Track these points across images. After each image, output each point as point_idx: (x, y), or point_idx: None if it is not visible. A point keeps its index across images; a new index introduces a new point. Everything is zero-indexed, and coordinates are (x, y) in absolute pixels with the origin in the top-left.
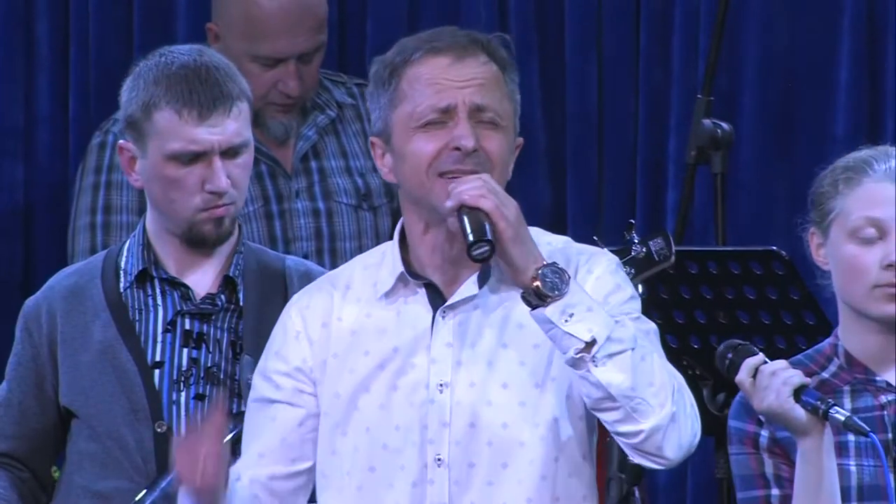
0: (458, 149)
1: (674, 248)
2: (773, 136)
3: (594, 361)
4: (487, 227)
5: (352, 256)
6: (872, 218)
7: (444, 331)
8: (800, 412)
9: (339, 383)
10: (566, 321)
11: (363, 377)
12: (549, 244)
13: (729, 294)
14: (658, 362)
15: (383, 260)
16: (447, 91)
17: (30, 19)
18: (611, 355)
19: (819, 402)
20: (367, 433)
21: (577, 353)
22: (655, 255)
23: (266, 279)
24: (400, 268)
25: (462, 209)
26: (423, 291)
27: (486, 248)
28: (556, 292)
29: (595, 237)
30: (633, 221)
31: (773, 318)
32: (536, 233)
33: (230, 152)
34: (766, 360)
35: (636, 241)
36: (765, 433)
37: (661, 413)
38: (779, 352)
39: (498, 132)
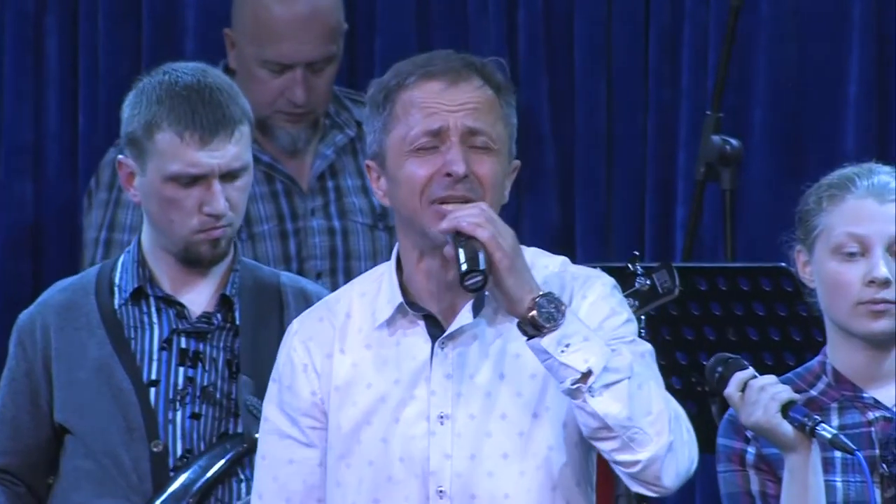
0: (449, 174)
1: (677, 282)
2: (782, 152)
3: (591, 392)
4: (482, 256)
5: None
6: (854, 234)
7: (443, 362)
8: (787, 428)
9: (341, 416)
10: (562, 352)
11: (365, 411)
12: (546, 267)
13: (738, 310)
14: (655, 390)
15: (380, 287)
16: (439, 114)
17: (39, 37)
18: (607, 385)
19: (806, 419)
20: (370, 466)
21: (573, 384)
22: (659, 288)
23: (262, 297)
24: (399, 298)
25: (458, 237)
26: (422, 323)
27: (479, 278)
28: (552, 323)
29: (636, 252)
30: (637, 253)
31: (782, 334)
32: (534, 254)
33: (229, 175)
34: (756, 374)
35: (640, 272)
36: (751, 450)
37: (658, 442)
38: (788, 368)
39: (490, 156)
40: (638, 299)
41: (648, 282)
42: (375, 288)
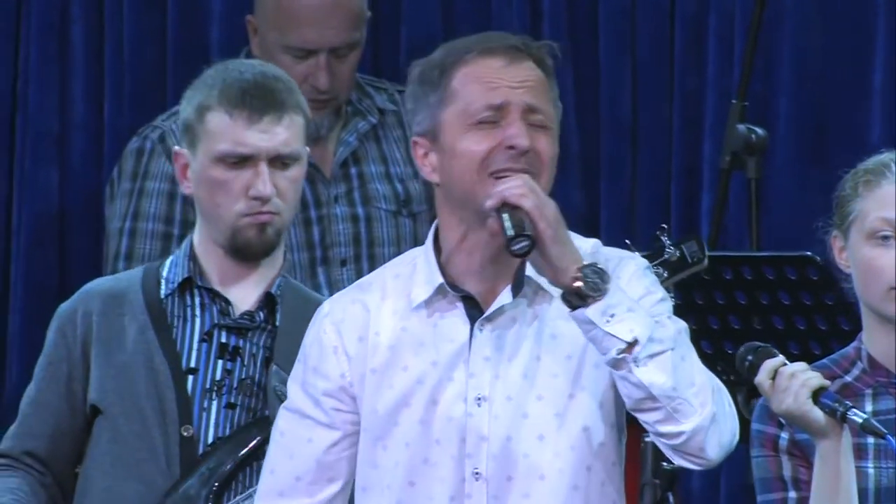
0: (511, 147)
1: (707, 251)
2: (807, 140)
3: (636, 362)
4: (527, 224)
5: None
6: (888, 219)
7: (482, 344)
8: (818, 414)
9: (378, 399)
10: (607, 322)
11: (403, 393)
12: (580, 248)
13: (763, 299)
14: (697, 362)
15: (415, 269)
16: (500, 90)
17: (64, 24)
18: (652, 356)
19: (837, 405)
20: (406, 448)
21: (618, 354)
22: (689, 258)
23: (305, 306)
24: (439, 279)
25: (502, 208)
26: (461, 304)
27: (526, 242)
28: (598, 292)
29: (627, 241)
30: (664, 226)
31: (807, 323)
32: None
33: (279, 161)
34: (786, 361)
35: (669, 243)
36: (784, 435)
37: (702, 413)
38: (814, 357)
39: (547, 134)
40: (667, 269)
41: (678, 252)
42: (410, 270)
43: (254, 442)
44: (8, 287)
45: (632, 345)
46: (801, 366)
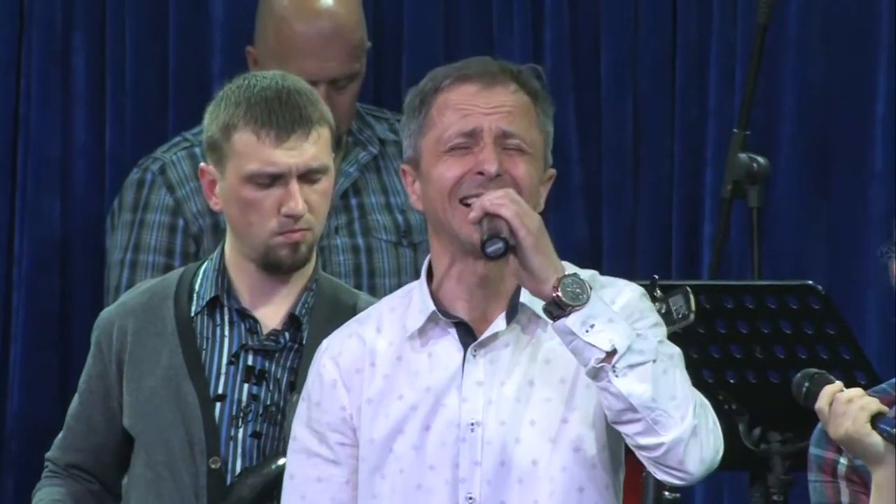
0: (481, 173)
1: (693, 306)
2: (809, 169)
3: (615, 371)
4: (505, 232)
5: (390, 293)
6: None
7: (475, 370)
8: (876, 439)
9: (373, 428)
10: (587, 331)
11: (397, 420)
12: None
13: (765, 328)
14: (680, 377)
15: (410, 301)
16: (474, 116)
17: (66, 52)
18: (632, 366)
19: (895, 430)
20: (401, 474)
21: (597, 364)
22: (675, 314)
23: (335, 318)
24: (431, 306)
25: (483, 218)
26: (453, 331)
27: (500, 244)
28: (577, 302)
29: (656, 276)
30: (656, 277)
31: (809, 353)
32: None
33: (308, 177)
34: (843, 388)
35: (657, 296)
36: (843, 461)
37: (682, 425)
38: None
39: (524, 158)
40: None
41: (664, 307)
42: (406, 302)
43: (277, 474)
44: (10, 313)
45: (611, 354)
46: (857, 391)
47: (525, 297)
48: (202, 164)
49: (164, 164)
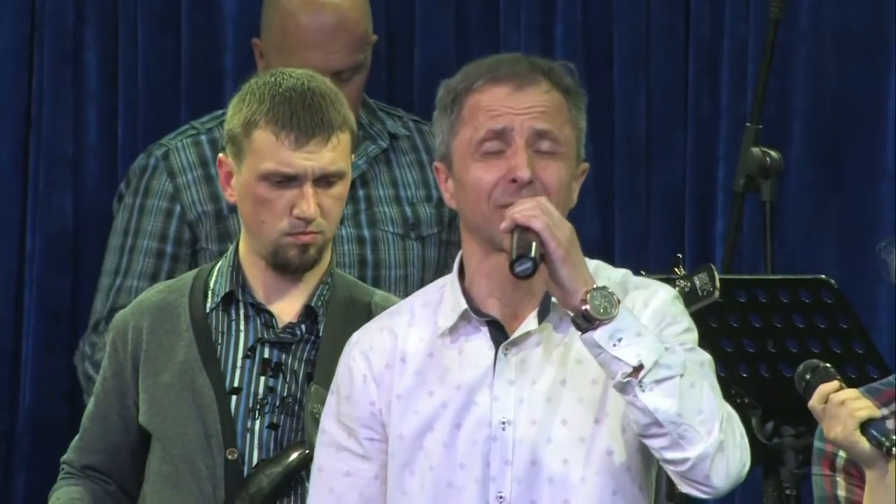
0: (514, 180)
1: (717, 283)
2: (822, 164)
3: (641, 386)
4: (535, 245)
5: (396, 285)
6: None
7: (506, 368)
8: (864, 445)
9: (403, 425)
10: (614, 345)
11: (427, 417)
12: (609, 278)
13: (778, 323)
14: (707, 391)
15: (442, 297)
16: (505, 117)
17: (78, 50)
18: (659, 381)
19: (884, 438)
20: (431, 471)
21: (624, 378)
22: (700, 291)
23: (350, 313)
24: (463, 304)
25: (514, 229)
26: (485, 329)
27: (529, 264)
28: (606, 315)
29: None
30: (680, 255)
31: (822, 347)
32: (597, 266)
33: (324, 181)
34: (843, 385)
35: (681, 275)
36: (842, 454)
37: (708, 441)
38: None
39: (557, 161)
40: None
41: (689, 285)
42: (438, 298)
43: (296, 464)
44: (22, 311)
45: (637, 369)
46: (852, 393)
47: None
48: (220, 155)
49: (168, 150)
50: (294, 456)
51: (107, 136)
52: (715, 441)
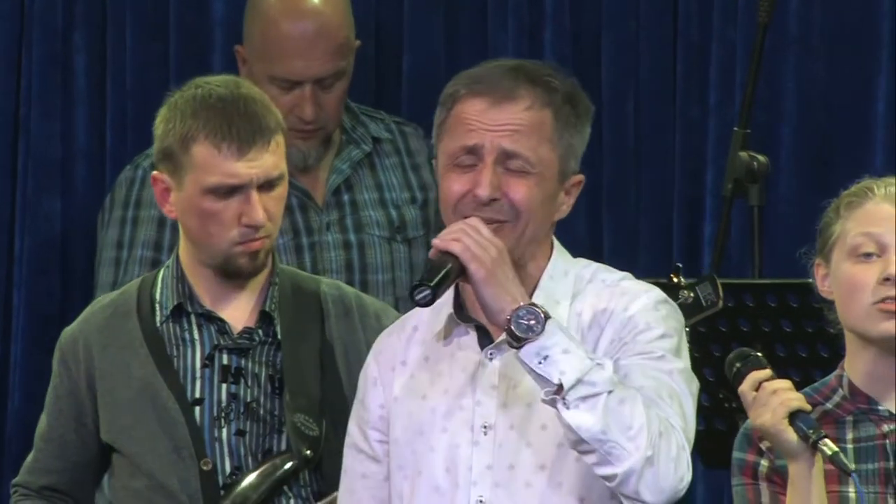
0: (475, 196)
1: (721, 293)
2: (810, 168)
3: (565, 404)
4: (445, 271)
5: (384, 289)
6: (870, 234)
7: (489, 373)
8: (791, 435)
9: (397, 428)
10: (540, 363)
11: (418, 421)
12: (604, 281)
13: (766, 327)
14: (639, 407)
15: (446, 301)
16: (477, 132)
17: (67, 53)
18: (584, 398)
19: (811, 431)
20: (419, 476)
21: (548, 396)
22: (703, 301)
23: (302, 308)
24: (449, 309)
25: (437, 254)
26: (474, 333)
27: (427, 292)
28: (530, 334)
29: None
30: (680, 265)
31: (809, 351)
32: (597, 269)
33: (266, 186)
34: (774, 375)
35: (683, 285)
36: (764, 462)
37: (635, 456)
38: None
39: (528, 180)
40: (682, 313)
41: (692, 295)
42: (444, 300)
43: (277, 475)
44: (10, 314)
45: (561, 387)
46: (785, 384)
47: (540, 299)
48: (154, 173)
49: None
50: (276, 464)
51: (95, 139)
52: (642, 457)
